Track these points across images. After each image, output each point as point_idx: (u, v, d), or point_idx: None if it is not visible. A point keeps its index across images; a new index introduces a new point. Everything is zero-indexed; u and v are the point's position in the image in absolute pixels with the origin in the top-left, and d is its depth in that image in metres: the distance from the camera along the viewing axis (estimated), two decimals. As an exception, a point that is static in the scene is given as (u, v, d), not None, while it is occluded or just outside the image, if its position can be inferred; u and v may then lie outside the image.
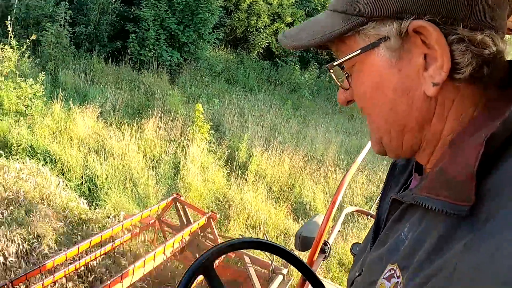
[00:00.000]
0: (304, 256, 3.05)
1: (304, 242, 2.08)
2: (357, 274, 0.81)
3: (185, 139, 7.23)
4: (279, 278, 3.81)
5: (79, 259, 3.49)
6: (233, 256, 4.25)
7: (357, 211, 2.65)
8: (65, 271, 3.25)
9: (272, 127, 9.15)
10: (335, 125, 11.32)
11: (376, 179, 7.51)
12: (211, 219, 4.13)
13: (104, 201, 5.47)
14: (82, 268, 4.18)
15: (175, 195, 4.29)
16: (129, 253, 4.69)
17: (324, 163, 7.88)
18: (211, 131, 7.43)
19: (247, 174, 6.79)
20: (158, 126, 7.34)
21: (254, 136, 8.01)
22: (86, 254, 3.61)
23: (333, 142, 8.90)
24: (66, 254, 3.35)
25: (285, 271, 3.91)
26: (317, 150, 8.35)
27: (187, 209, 4.29)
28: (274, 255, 3.97)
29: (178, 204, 4.27)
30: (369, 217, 2.56)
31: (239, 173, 6.81)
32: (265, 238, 1.03)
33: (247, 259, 4.08)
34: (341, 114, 13.02)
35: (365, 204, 6.74)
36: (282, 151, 7.63)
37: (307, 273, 1.01)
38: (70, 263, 3.41)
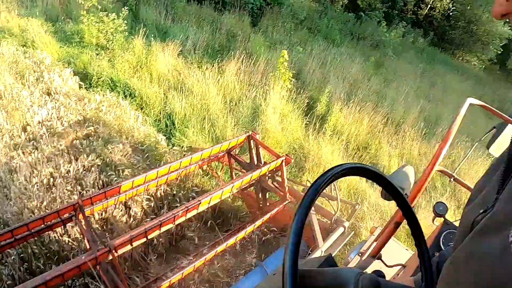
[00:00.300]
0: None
1: None
2: (481, 211, 0.77)
3: (265, 84, 6.94)
4: (340, 229, 3.69)
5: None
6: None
7: (440, 171, 2.45)
8: (126, 194, 3.22)
9: (353, 83, 8.64)
10: (417, 89, 10.62)
11: (453, 154, 6.91)
12: (283, 163, 3.87)
13: (181, 139, 5.36)
14: (148, 194, 4.16)
15: (250, 132, 4.07)
16: (194, 184, 4.62)
17: (403, 128, 7.39)
18: (292, 79, 7.09)
19: (325, 128, 6.45)
20: (239, 69, 7.10)
21: (334, 89, 7.59)
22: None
23: (413, 107, 8.30)
24: (133, 181, 3.26)
25: (347, 223, 3.75)
26: (396, 114, 7.83)
27: (260, 149, 4.06)
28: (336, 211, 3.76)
29: (252, 142, 4.05)
30: (452, 179, 2.41)
31: (317, 126, 6.47)
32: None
33: None
34: (423, 79, 12.19)
35: (439, 178, 6.24)
36: (362, 109, 7.17)
37: (408, 211, 0.93)
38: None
